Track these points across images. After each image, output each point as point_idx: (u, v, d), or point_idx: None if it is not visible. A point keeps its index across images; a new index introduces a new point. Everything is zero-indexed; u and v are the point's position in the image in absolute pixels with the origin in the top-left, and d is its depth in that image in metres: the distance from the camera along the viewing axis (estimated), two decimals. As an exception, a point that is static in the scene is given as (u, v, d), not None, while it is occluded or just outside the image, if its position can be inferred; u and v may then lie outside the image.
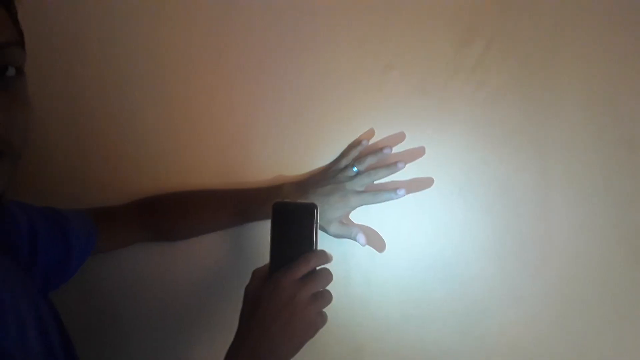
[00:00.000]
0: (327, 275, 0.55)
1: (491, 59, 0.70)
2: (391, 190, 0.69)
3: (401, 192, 0.68)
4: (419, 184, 0.72)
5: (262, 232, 0.74)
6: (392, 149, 0.71)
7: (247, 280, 0.57)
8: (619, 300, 0.71)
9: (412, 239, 0.73)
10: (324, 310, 0.55)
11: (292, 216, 0.56)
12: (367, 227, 0.73)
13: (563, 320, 0.72)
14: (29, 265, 0.57)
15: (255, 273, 0.56)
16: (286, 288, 0.52)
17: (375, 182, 0.70)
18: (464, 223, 0.72)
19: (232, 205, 0.72)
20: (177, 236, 0.74)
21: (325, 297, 0.55)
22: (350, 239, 0.70)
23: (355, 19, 0.70)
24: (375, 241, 0.74)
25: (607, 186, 0.70)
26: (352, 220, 0.73)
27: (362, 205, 0.69)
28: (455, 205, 0.72)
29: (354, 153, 0.71)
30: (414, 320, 0.73)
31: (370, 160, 0.70)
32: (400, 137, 0.72)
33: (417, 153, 0.72)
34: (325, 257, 0.56)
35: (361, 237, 0.70)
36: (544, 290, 0.72)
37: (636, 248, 0.70)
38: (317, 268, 0.56)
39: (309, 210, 0.56)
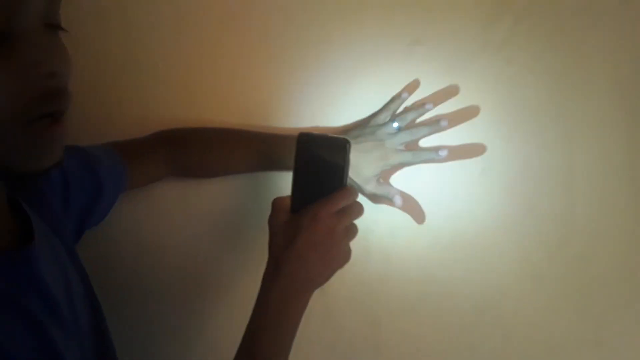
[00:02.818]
0: (360, 209, 0.56)
1: (519, 36, 0.69)
2: (433, 150, 0.68)
3: (443, 152, 0.67)
4: (466, 151, 0.71)
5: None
6: (434, 105, 0.69)
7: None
8: (638, 283, 0.71)
9: (433, 217, 0.72)
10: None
11: (321, 150, 0.55)
12: (408, 194, 0.72)
13: (582, 301, 0.72)
14: (62, 215, 0.56)
15: (275, 205, 0.57)
16: (325, 220, 0.53)
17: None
18: (486, 202, 0.71)
19: (258, 147, 0.70)
20: (201, 172, 0.72)
21: (355, 230, 0.57)
22: (387, 199, 0.69)
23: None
24: (416, 211, 0.72)
25: (632, 168, 0.70)
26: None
27: (401, 163, 0.69)
28: (478, 183, 0.71)
29: (394, 107, 0.69)
30: (431, 298, 0.73)
31: (411, 116, 0.68)
32: (450, 92, 0.70)
33: (466, 113, 0.70)
34: (356, 193, 0.57)
35: (398, 199, 0.69)
36: (563, 270, 0.71)
37: (659, 231, 0.70)
38: None
39: (340, 146, 0.55)
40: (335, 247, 0.54)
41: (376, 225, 0.72)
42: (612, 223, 0.70)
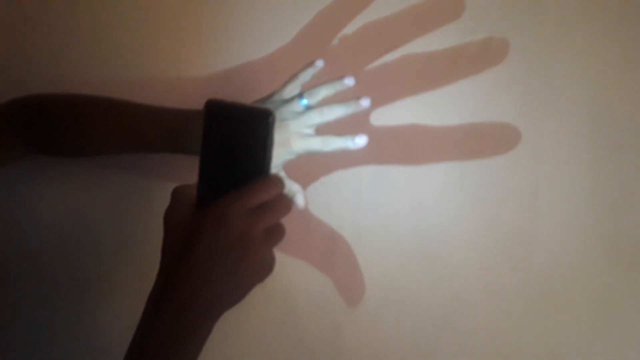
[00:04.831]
0: (286, 204, 0.43)
1: (491, 53, 0.70)
2: (347, 137, 0.55)
3: (360, 140, 0.55)
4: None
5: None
6: (354, 80, 0.56)
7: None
8: (598, 300, 0.73)
9: (401, 226, 0.73)
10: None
11: (236, 125, 0.41)
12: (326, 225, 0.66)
13: (541, 316, 0.73)
14: None
15: (176, 194, 0.43)
16: (236, 220, 0.40)
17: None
18: (453, 214, 0.72)
19: (161, 120, 0.56)
20: (75, 150, 0.59)
21: (280, 232, 0.43)
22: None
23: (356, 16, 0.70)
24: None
25: (594, 188, 0.71)
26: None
27: (307, 152, 0.55)
28: (446, 196, 0.72)
29: (304, 77, 0.56)
30: (394, 306, 0.74)
31: (325, 92, 0.55)
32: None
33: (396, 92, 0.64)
34: (282, 183, 0.43)
35: (300, 198, 0.58)
36: (525, 284, 0.73)
37: (618, 250, 0.72)
38: None
39: (262, 120, 0.41)
40: (250, 257, 0.40)
41: (342, 230, 0.72)
42: (573, 240, 0.72)
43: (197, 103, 0.47)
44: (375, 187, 0.72)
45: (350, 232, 0.72)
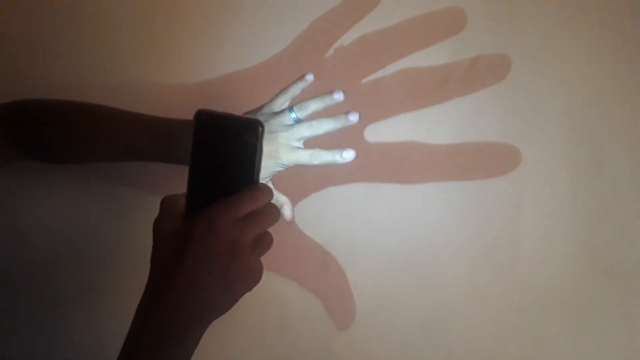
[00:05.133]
0: (274, 213, 0.43)
1: (479, 70, 0.73)
2: (335, 151, 0.55)
3: (348, 154, 0.55)
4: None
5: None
6: (343, 95, 0.56)
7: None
8: (577, 307, 0.76)
9: (390, 236, 0.75)
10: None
11: (225, 135, 0.42)
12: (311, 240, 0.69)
13: (523, 322, 0.76)
14: None
15: (165, 204, 0.43)
16: (224, 229, 0.40)
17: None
18: (439, 224, 0.75)
19: (152, 129, 0.56)
20: (64, 157, 0.59)
21: (268, 241, 0.43)
22: None
23: (355, 17, 0.72)
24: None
25: (574, 200, 0.75)
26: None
27: (296, 164, 0.56)
28: (433, 207, 0.75)
29: (294, 90, 0.57)
30: (383, 314, 0.76)
31: (314, 106, 0.55)
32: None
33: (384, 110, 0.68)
34: (271, 192, 0.43)
35: (288, 210, 0.58)
36: (508, 292, 0.76)
37: (597, 260, 0.75)
38: None
39: (251, 130, 0.41)
40: (238, 265, 0.40)
41: (335, 241, 0.75)
42: (553, 250, 0.75)
43: (189, 111, 0.47)
44: (365, 202, 0.74)
45: (341, 244, 0.75)
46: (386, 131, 0.74)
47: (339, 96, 0.56)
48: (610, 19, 0.73)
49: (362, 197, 0.75)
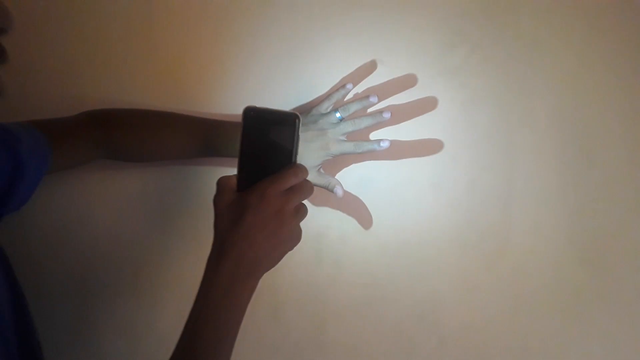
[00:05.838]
0: (310, 188, 0.53)
1: (473, 64, 0.74)
2: (374, 141, 0.68)
3: (385, 143, 0.68)
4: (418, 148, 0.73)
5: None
6: (377, 98, 0.69)
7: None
8: (566, 297, 0.78)
9: (383, 227, 0.76)
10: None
11: (268, 125, 0.51)
12: (358, 198, 0.75)
13: (513, 311, 0.78)
14: None
15: (220, 184, 0.53)
16: (273, 199, 0.50)
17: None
18: (431, 215, 0.76)
19: (198, 132, 0.67)
20: (133, 156, 0.69)
21: (304, 210, 0.53)
22: (327, 189, 0.70)
23: (348, 13, 0.73)
24: (364, 216, 0.76)
25: (564, 193, 0.76)
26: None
27: (343, 153, 0.68)
28: (425, 198, 0.76)
29: (337, 96, 0.69)
30: (376, 302, 0.78)
31: (354, 107, 0.68)
32: (400, 85, 0.73)
33: (415, 107, 0.73)
34: (306, 171, 0.53)
35: (339, 189, 0.69)
36: (498, 283, 0.77)
37: (585, 252, 0.77)
38: None
39: (289, 121, 0.51)
40: (284, 228, 0.50)
41: (328, 230, 0.76)
42: (544, 241, 0.77)
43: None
44: (359, 192, 0.75)
45: (335, 233, 0.76)
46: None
47: (374, 99, 0.69)
48: (601, 16, 0.74)
49: (355, 188, 0.75)
